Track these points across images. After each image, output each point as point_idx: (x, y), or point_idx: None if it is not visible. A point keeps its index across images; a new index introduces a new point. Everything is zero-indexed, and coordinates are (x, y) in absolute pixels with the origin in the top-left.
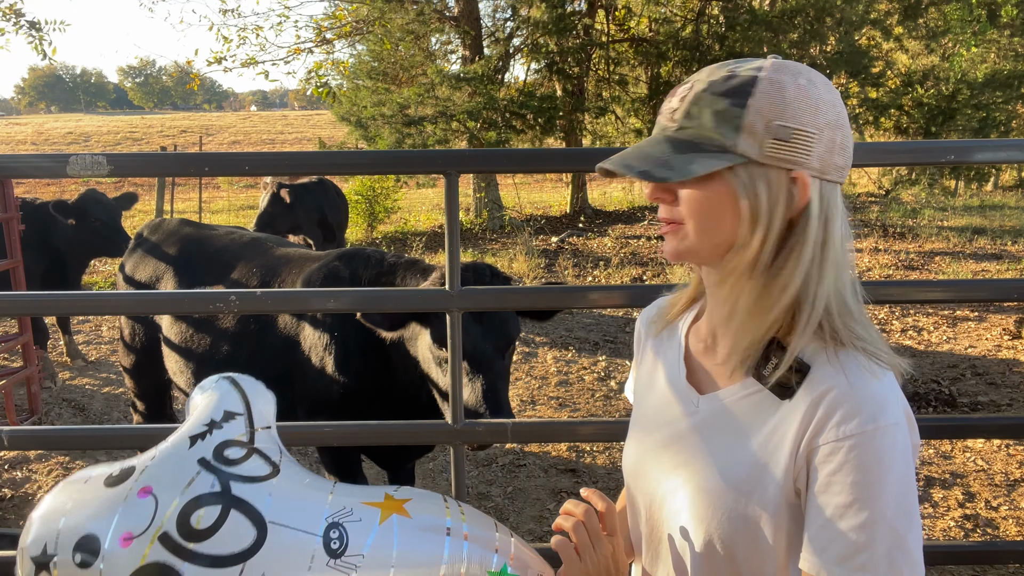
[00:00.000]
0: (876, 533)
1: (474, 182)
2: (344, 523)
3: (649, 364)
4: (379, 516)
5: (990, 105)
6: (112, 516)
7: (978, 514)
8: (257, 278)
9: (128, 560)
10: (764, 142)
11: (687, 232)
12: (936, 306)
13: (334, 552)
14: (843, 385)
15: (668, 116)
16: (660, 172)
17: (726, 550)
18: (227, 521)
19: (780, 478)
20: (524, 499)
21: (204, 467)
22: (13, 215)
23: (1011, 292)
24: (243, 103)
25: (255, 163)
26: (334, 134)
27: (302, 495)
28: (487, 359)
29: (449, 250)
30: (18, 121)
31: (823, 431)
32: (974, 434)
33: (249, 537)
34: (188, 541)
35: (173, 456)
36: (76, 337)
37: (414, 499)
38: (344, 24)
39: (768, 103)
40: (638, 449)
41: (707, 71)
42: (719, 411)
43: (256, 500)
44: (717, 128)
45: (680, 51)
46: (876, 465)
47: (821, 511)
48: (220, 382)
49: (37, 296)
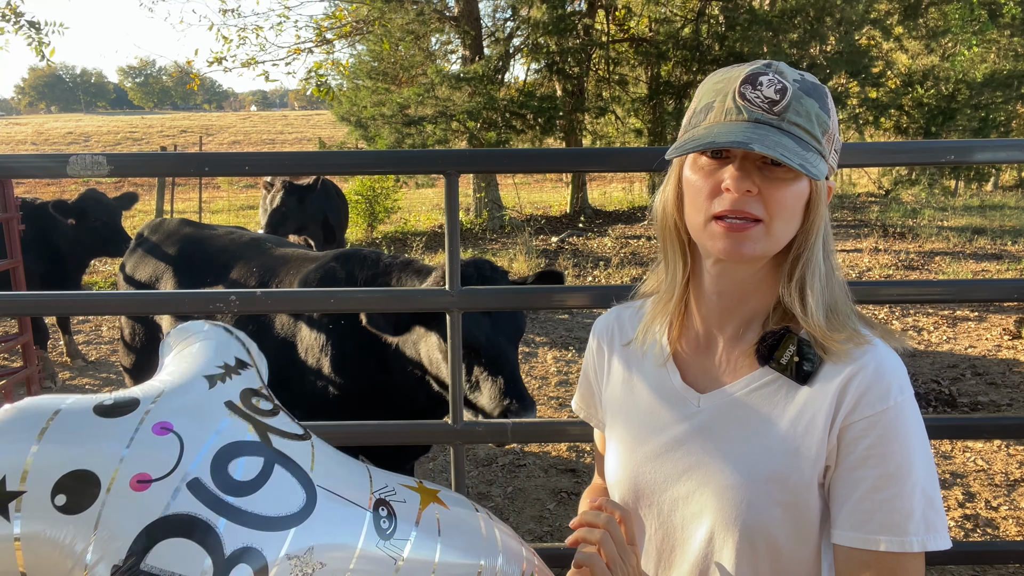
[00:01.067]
0: (914, 498)
1: (474, 182)
2: (392, 503)
3: (620, 375)
4: (420, 501)
5: (990, 105)
6: (117, 451)
7: (978, 514)
8: (255, 278)
9: (144, 508)
10: (830, 150)
11: (772, 230)
12: (936, 306)
13: (383, 532)
14: (871, 364)
15: (763, 106)
16: (810, 168)
17: (763, 542)
18: (272, 476)
19: (813, 458)
20: (524, 499)
21: (233, 411)
22: (13, 215)
23: (1011, 292)
24: (243, 103)
25: (255, 163)
26: (334, 134)
27: (343, 465)
28: (503, 351)
29: (449, 250)
30: (18, 121)
31: (856, 409)
32: (974, 434)
33: (299, 500)
34: (226, 493)
35: (191, 392)
36: (76, 337)
37: (443, 492)
38: (344, 24)
39: (834, 113)
40: (630, 460)
41: (771, 65)
42: (728, 406)
43: (300, 459)
44: (813, 130)
45: (680, 51)
46: (908, 434)
47: (858, 484)
48: (212, 327)
49: (37, 296)
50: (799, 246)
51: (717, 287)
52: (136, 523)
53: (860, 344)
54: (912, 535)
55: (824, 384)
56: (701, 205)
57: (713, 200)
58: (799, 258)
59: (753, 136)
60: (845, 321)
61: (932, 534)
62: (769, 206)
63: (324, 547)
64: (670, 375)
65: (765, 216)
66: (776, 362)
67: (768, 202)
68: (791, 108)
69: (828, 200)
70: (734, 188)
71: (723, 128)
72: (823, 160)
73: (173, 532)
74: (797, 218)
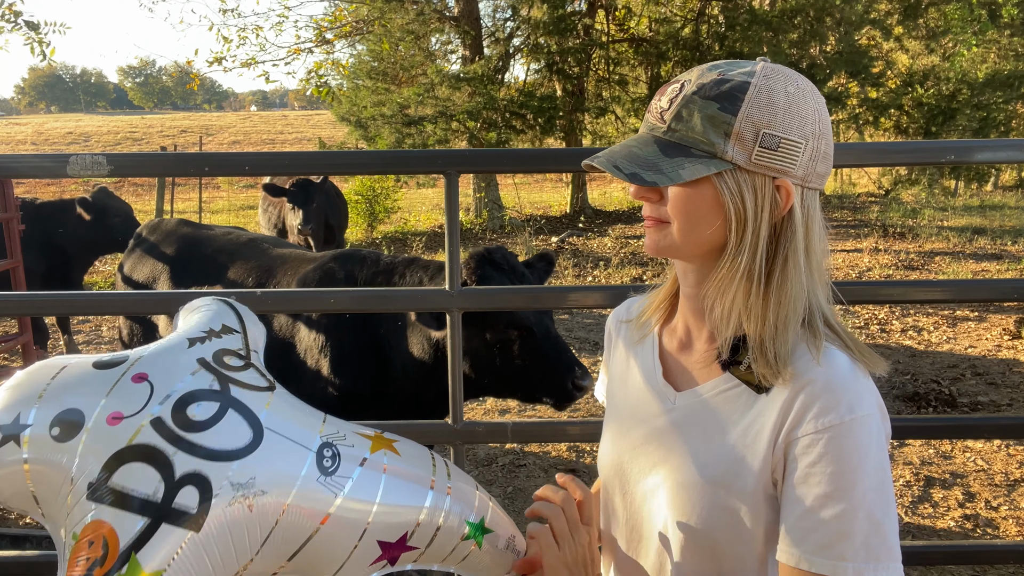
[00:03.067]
0: (855, 521)
1: (474, 182)
2: (338, 445)
3: (621, 363)
4: (370, 446)
5: (990, 105)
6: (101, 394)
7: (978, 514)
8: (253, 279)
9: (114, 438)
10: (753, 150)
11: (671, 231)
12: (936, 306)
13: (325, 469)
14: (820, 378)
15: (657, 116)
16: (649, 176)
17: (707, 544)
18: (224, 419)
19: (758, 470)
20: (524, 499)
21: (203, 366)
22: (13, 215)
23: (1011, 292)
24: (243, 103)
25: (255, 163)
26: (334, 134)
27: (298, 411)
28: (549, 326)
29: (449, 250)
30: (18, 121)
31: (802, 423)
32: (974, 434)
33: (245, 437)
34: (182, 430)
35: (171, 351)
36: (76, 337)
37: (402, 442)
38: (344, 24)
39: (758, 111)
40: (615, 448)
41: (697, 72)
42: (696, 406)
43: (254, 406)
44: (706, 133)
45: (680, 51)
46: (854, 454)
47: (799, 501)
48: (216, 301)
49: (37, 296)
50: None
51: (683, 287)
52: (108, 450)
53: (823, 358)
54: (848, 561)
55: (778, 395)
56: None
57: None
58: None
59: (617, 151)
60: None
61: (872, 563)
62: (669, 209)
63: (265, 478)
64: (655, 370)
65: (668, 218)
66: (736, 368)
67: (668, 206)
68: (675, 115)
69: (787, 202)
70: (633, 197)
71: (622, 143)
72: (706, 161)
73: (136, 458)
74: (704, 220)
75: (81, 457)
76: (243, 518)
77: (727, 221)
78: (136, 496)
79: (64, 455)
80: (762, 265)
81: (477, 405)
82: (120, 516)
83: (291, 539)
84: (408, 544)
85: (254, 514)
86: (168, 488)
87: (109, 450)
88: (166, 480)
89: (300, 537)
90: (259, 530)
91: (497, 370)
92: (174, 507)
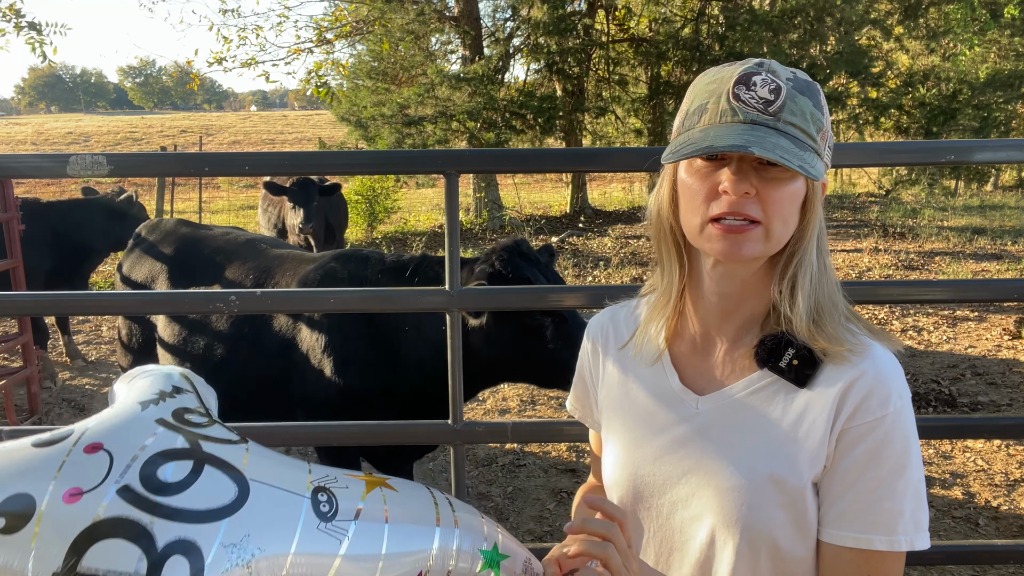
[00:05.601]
0: (905, 498)
1: (474, 182)
2: (332, 488)
3: (616, 377)
4: (364, 486)
5: (991, 105)
6: (50, 473)
7: (978, 514)
8: (252, 279)
9: (76, 518)
10: (825, 149)
11: (770, 232)
12: (936, 306)
13: (324, 515)
14: (870, 370)
15: (759, 107)
16: (808, 168)
17: (764, 545)
18: (201, 475)
19: (812, 462)
20: (524, 499)
21: (164, 425)
22: (13, 215)
23: (1011, 292)
24: (243, 103)
25: (255, 163)
26: (334, 134)
27: (280, 462)
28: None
29: (449, 250)
30: (18, 121)
31: (856, 414)
32: (974, 434)
33: (230, 493)
34: (156, 495)
35: (123, 416)
36: (76, 337)
37: (395, 480)
38: (344, 24)
39: (827, 110)
40: (630, 461)
41: (763, 64)
42: (727, 408)
43: (231, 459)
44: (809, 129)
45: (680, 51)
46: (904, 438)
47: (852, 485)
48: (156, 368)
49: (37, 296)
50: (794, 245)
51: (719, 289)
52: (71, 531)
53: (858, 348)
54: (901, 535)
55: (825, 388)
56: (698, 208)
57: (711, 203)
58: (793, 257)
59: (751, 139)
60: (837, 322)
61: (920, 533)
62: (767, 207)
63: (261, 533)
64: (668, 377)
65: (763, 217)
66: (776, 365)
67: (766, 203)
68: (786, 108)
69: (822, 198)
70: (732, 191)
71: (719, 131)
72: (819, 158)
73: (106, 535)
74: (794, 218)
75: (37, 546)
76: None
77: (806, 221)
78: None
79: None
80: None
81: (477, 405)
82: None
83: None
84: None
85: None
86: (152, 562)
87: (73, 531)
88: (148, 553)
89: None
90: None
91: (531, 356)
92: None
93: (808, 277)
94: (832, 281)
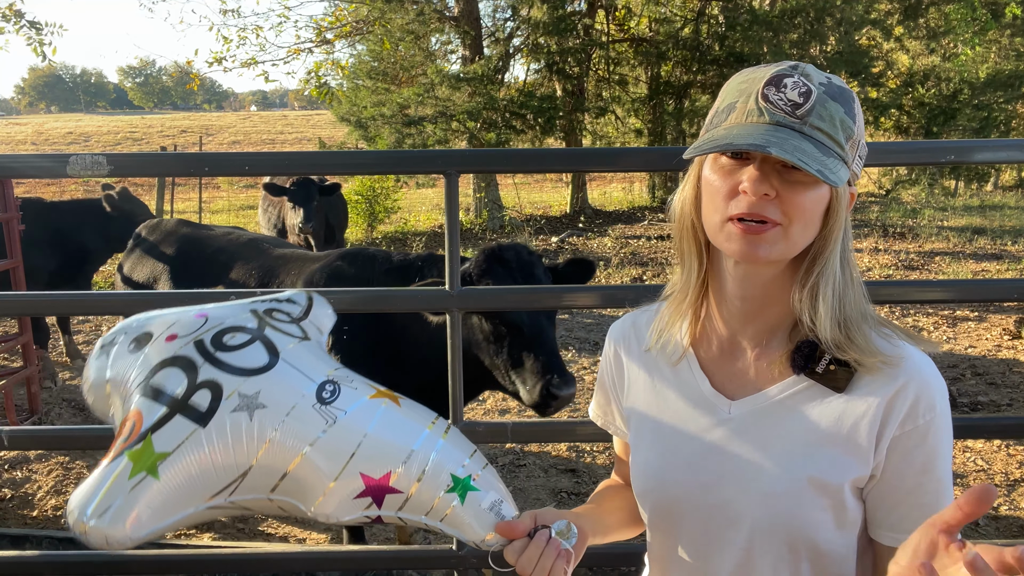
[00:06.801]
0: (946, 496)
1: (474, 182)
2: (341, 384)
3: (642, 383)
4: (374, 392)
5: (991, 105)
6: (170, 321)
7: None
8: (255, 279)
9: (165, 351)
10: (854, 158)
11: (789, 234)
12: (936, 306)
13: (323, 399)
14: (916, 376)
15: (786, 109)
16: (829, 174)
17: (808, 545)
18: (250, 347)
19: (854, 463)
20: (524, 499)
21: (252, 314)
22: (13, 215)
23: (1011, 292)
24: (243, 103)
25: (255, 163)
26: (334, 134)
27: (317, 357)
28: (544, 328)
29: (449, 250)
30: (18, 121)
31: (907, 419)
32: (974, 434)
33: (262, 361)
34: (215, 350)
35: (232, 305)
36: (76, 337)
37: (406, 399)
38: (344, 24)
39: (861, 120)
40: (662, 469)
41: (797, 67)
42: (762, 412)
43: (279, 343)
44: (837, 135)
45: (680, 51)
46: (946, 440)
47: (914, 490)
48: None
49: (37, 296)
50: (816, 251)
51: (741, 291)
52: (159, 358)
53: (893, 357)
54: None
55: (865, 394)
56: (719, 206)
57: (731, 201)
58: (814, 264)
59: (772, 139)
60: (867, 333)
61: None
62: (787, 210)
63: (268, 394)
64: (698, 381)
65: (783, 220)
66: (812, 370)
67: (786, 206)
68: (814, 112)
69: (850, 207)
70: (751, 191)
71: (743, 130)
72: (845, 166)
73: (174, 364)
74: (816, 223)
75: (139, 364)
76: (243, 425)
77: (829, 227)
78: (165, 392)
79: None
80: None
81: (477, 405)
82: (149, 405)
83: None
84: (392, 485)
85: (253, 423)
86: (189, 388)
87: (160, 358)
88: (190, 382)
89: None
90: (255, 441)
91: (489, 361)
92: (190, 403)
93: (831, 287)
94: (860, 292)
